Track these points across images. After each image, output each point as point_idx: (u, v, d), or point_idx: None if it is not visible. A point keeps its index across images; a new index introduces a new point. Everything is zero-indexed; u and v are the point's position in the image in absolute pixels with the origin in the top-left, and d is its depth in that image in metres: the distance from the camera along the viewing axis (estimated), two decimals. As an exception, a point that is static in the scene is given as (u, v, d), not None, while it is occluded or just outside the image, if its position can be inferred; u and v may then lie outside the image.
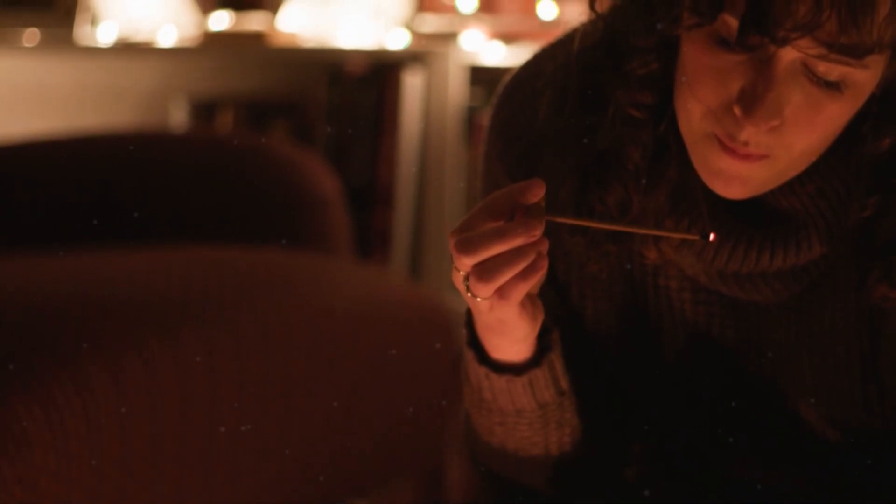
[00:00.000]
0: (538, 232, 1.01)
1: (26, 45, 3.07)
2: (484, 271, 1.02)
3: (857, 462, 1.18)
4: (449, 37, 2.85)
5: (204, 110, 3.04)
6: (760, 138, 1.00)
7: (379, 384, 1.95)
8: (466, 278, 1.03)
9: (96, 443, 1.44)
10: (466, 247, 1.01)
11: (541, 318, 1.10)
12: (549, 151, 1.16)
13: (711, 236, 1.03)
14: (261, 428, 1.71)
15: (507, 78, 1.23)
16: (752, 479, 1.22)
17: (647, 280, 1.19)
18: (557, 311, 1.19)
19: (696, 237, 1.04)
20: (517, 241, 1.01)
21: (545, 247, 1.03)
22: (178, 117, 3.05)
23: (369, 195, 2.80)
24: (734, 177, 1.03)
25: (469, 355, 1.16)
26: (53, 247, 2.03)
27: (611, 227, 1.13)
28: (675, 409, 1.22)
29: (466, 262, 1.02)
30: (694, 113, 1.03)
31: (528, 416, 1.18)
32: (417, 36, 2.89)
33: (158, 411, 1.54)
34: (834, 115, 1.01)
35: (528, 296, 1.07)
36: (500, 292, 1.03)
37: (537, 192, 1.02)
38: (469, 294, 1.04)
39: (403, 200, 2.80)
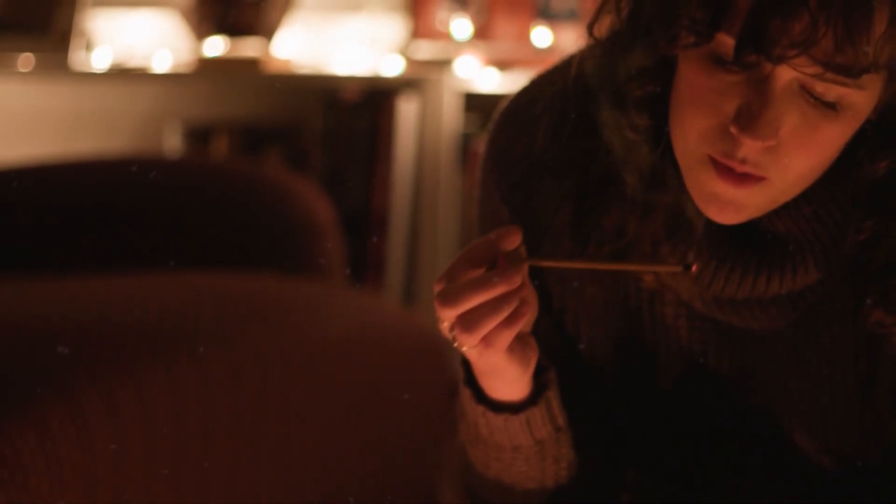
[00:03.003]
0: (518, 280, 1.02)
1: (21, 70, 3.06)
2: (468, 322, 1.02)
3: (853, 490, 1.18)
4: (443, 63, 2.85)
5: (198, 136, 3.04)
6: (758, 157, 1.00)
7: (373, 411, 1.95)
8: (452, 328, 1.04)
9: (90, 470, 1.43)
10: (448, 299, 1.02)
11: (534, 358, 1.10)
12: (545, 177, 1.16)
13: (693, 266, 1.03)
14: (255, 454, 1.70)
15: (503, 104, 1.23)
16: (747, 506, 1.21)
17: (643, 306, 1.18)
18: (553, 340, 1.19)
19: (679, 268, 1.04)
20: (498, 291, 1.02)
21: (528, 292, 1.04)
22: (172, 143, 3.05)
23: (364, 221, 2.80)
24: (728, 202, 1.03)
25: (466, 394, 1.16)
26: (47, 272, 2.02)
27: (592, 266, 1.13)
28: (670, 435, 1.22)
29: (450, 314, 1.03)
30: (690, 135, 1.03)
31: (524, 452, 1.18)
32: (412, 63, 2.89)
33: (152, 438, 1.53)
34: (830, 137, 1.01)
35: (519, 339, 1.08)
36: (486, 340, 1.04)
37: (514, 240, 1.03)
38: (456, 344, 1.04)
39: (398, 227, 2.80)
